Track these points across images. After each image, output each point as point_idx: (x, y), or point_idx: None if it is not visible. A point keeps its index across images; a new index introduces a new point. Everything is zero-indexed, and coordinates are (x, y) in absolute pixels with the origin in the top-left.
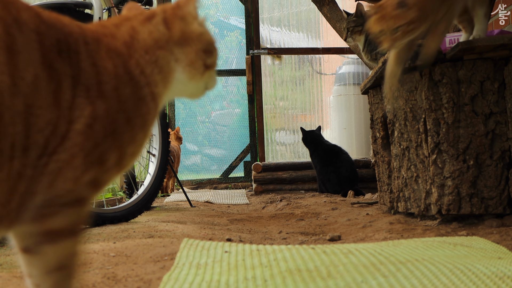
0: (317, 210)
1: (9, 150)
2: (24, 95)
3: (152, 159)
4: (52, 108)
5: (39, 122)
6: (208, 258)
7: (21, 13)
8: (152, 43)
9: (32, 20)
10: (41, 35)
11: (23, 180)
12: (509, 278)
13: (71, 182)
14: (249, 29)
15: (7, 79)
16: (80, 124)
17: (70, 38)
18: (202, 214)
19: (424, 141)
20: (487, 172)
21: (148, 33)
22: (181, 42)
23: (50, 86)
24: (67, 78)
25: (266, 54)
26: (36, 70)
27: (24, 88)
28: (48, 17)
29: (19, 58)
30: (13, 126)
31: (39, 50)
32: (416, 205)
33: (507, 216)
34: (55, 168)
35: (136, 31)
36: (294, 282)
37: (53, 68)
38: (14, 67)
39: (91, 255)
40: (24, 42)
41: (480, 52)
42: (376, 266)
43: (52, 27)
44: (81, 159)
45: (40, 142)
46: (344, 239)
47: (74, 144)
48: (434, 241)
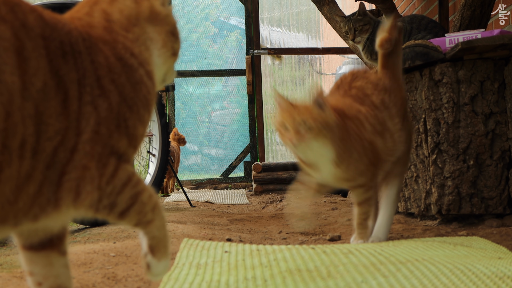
0: (317, 210)
1: (18, 149)
2: (34, 101)
3: (152, 159)
4: (61, 118)
5: (49, 131)
6: (208, 258)
7: (27, 17)
8: (126, 21)
9: (38, 24)
10: (47, 39)
11: (32, 182)
12: (509, 278)
13: (96, 191)
14: (249, 29)
15: (18, 81)
16: (87, 134)
17: (71, 38)
18: (202, 214)
19: (424, 141)
20: (487, 172)
21: (119, 12)
22: (151, 20)
23: (58, 96)
24: (73, 85)
25: (266, 54)
26: (45, 78)
27: (34, 94)
28: (50, 18)
29: (29, 65)
30: (24, 127)
31: (46, 56)
32: (416, 205)
33: (507, 216)
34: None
35: (108, 13)
36: (294, 282)
37: (60, 75)
38: (24, 72)
39: (91, 255)
40: (32, 48)
41: (480, 52)
42: (376, 266)
43: (55, 29)
44: (94, 168)
45: (48, 150)
46: (344, 239)
47: (84, 155)
48: (434, 241)
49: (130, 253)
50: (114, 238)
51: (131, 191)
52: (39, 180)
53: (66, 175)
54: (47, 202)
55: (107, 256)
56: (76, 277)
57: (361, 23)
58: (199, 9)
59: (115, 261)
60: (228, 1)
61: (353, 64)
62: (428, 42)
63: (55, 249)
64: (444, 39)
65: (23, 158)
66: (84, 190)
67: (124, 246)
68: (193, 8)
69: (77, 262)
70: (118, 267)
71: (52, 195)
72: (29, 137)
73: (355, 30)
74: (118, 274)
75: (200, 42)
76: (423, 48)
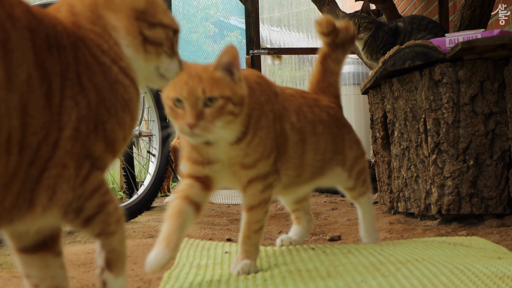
0: (317, 210)
1: (5, 143)
2: (19, 93)
3: (152, 159)
4: (46, 111)
5: (35, 124)
6: (208, 258)
7: (14, 8)
8: (90, 13)
9: (25, 16)
10: (33, 31)
11: (16, 181)
12: (509, 278)
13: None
14: (249, 29)
15: (2, 73)
16: (69, 130)
17: (56, 32)
18: (202, 214)
19: (424, 141)
20: (487, 172)
21: (81, 2)
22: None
23: (42, 88)
24: (57, 77)
25: (266, 54)
26: (29, 70)
27: (19, 85)
28: (38, 11)
29: (13, 56)
30: (9, 120)
31: (32, 48)
32: (416, 205)
33: (507, 216)
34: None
35: (72, 5)
36: (294, 282)
37: (44, 67)
38: (8, 63)
39: (91, 255)
40: (17, 40)
41: (480, 52)
42: (376, 266)
43: (41, 22)
44: (72, 167)
45: (33, 145)
46: (344, 239)
47: (64, 152)
48: (434, 241)
49: (130, 253)
50: None
51: (100, 199)
52: (22, 178)
53: (46, 172)
54: (23, 202)
55: None
56: (76, 277)
57: (366, 20)
58: (199, 9)
59: None
60: (228, 1)
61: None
62: (428, 42)
63: (50, 251)
64: (444, 39)
65: (10, 154)
66: (60, 189)
67: None
68: (193, 8)
69: (77, 262)
70: None
71: (29, 194)
72: (14, 130)
73: (360, 26)
74: None
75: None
76: (423, 48)
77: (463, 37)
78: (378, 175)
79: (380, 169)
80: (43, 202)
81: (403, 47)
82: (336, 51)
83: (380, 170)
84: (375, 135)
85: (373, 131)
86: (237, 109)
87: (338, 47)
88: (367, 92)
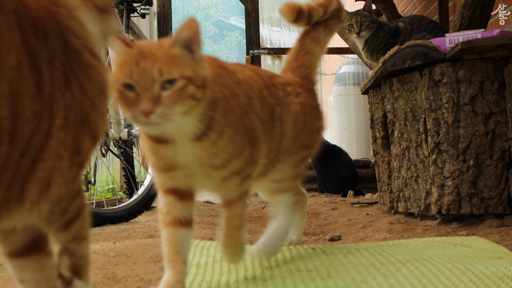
0: (317, 210)
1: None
2: (8, 80)
3: None
4: (37, 100)
5: (26, 113)
6: (208, 258)
7: None
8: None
9: (11, 0)
10: (20, 16)
11: (6, 173)
12: (509, 278)
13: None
14: (249, 29)
15: None
16: (59, 119)
17: (42, 17)
18: (202, 214)
19: (424, 141)
20: (487, 172)
21: None
22: None
23: (32, 76)
24: (46, 64)
25: (266, 54)
26: (19, 56)
27: (8, 72)
28: None
29: (1, 42)
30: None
31: (20, 33)
32: (416, 205)
33: (507, 216)
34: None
35: None
36: (294, 282)
37: (33, 53)
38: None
39: (91, 255)
40: (5, 25)
41: (480, 52)
42: (376, 266)
43: (27, 6)
44: (67, 159)
45: (26, 135)
46: (344, 239)
47: (58, 143)
48: (434, 241)
49: (130, 253)
50: (114, 238)
51: (80, 201)
52: (13, 170)
53: (41, 163)
54: (13, 196)
55: (107, 256)
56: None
57: (368, 19)
58: (199, 9)
59: (115, 261)
60: (228, 1)
61: (353, 64)
62: (428, 42)
63: (42, 252)
64: (444, 39)
65: (0, 145)
66: (56, 182)
67: (124, 246)
68: (193, 8)
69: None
70: (118, 267)
71: (18, 187)
72: (4, 120)
73: (362, 24)
74: (118, 274)
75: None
76: (423, 48)
77: (463, 37)
78: (378, 175)
79: (380, 169)
80: (33, 196)
81: (403, 47)
82: (316, 29)
83: (380, 170)
84: (375, 135)
85: (373, 131)
86: (199, 92)
87: (319, 25)
88: (367, 92)
